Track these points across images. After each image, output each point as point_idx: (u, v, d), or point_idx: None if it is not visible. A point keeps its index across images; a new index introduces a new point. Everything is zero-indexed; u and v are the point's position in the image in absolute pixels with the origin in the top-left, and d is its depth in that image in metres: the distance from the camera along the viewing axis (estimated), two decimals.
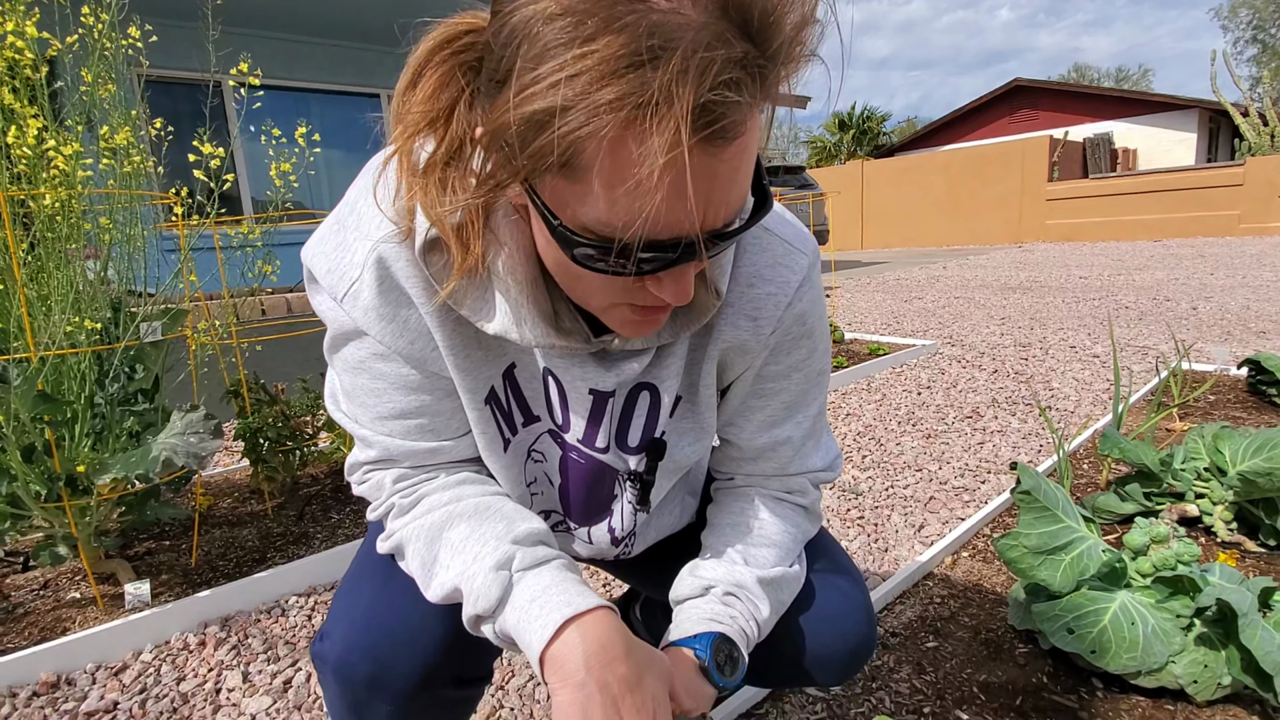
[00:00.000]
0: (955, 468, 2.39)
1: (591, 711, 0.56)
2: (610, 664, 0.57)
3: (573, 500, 0.80)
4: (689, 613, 0.75)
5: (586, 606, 0.59)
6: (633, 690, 0.58)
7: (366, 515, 0.75)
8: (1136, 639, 1.07)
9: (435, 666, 0.73)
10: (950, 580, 1.57)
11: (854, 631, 0.85)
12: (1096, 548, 1.17)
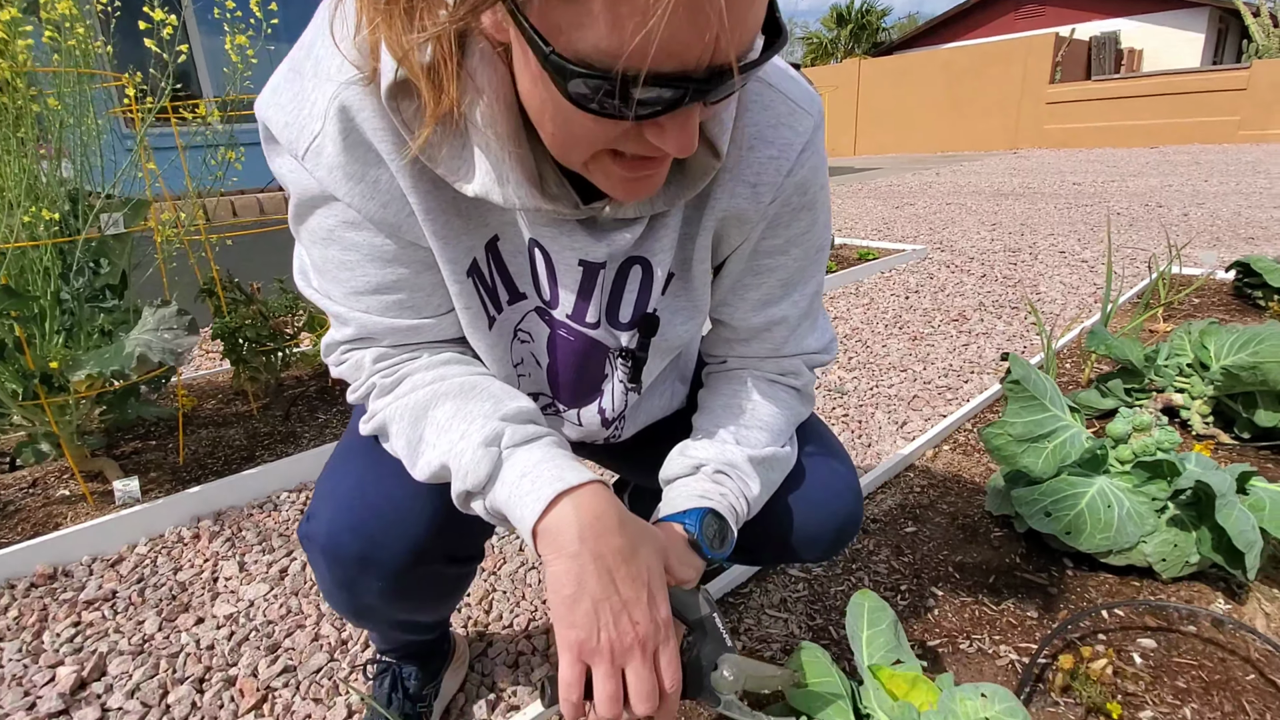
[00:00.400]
0: (939, 368, 2.41)
1: (586, 580, 0.56)
2: (604, 535, 0.57)
3: (562, 381, 0.78)
4: (679, 490, 0.75)
5: (579, 480, 0.58)
6: (627, 561, 0.57)
7: (347, 396, 0.72)
8: (1111, 520, 1.10)
9: (426, 544, 0.73)
10: (930, 471, 1.61)
11: (842, 510, 0.86)
12: (1079, 436, 1.19)
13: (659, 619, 0.58)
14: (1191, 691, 0.96)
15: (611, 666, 0.56)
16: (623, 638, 0.56)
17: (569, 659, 0.56)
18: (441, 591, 0.86)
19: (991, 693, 0.69)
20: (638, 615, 0.57)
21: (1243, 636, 1.04)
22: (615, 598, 0.56)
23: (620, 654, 0.57)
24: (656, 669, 0.58)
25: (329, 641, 1.31)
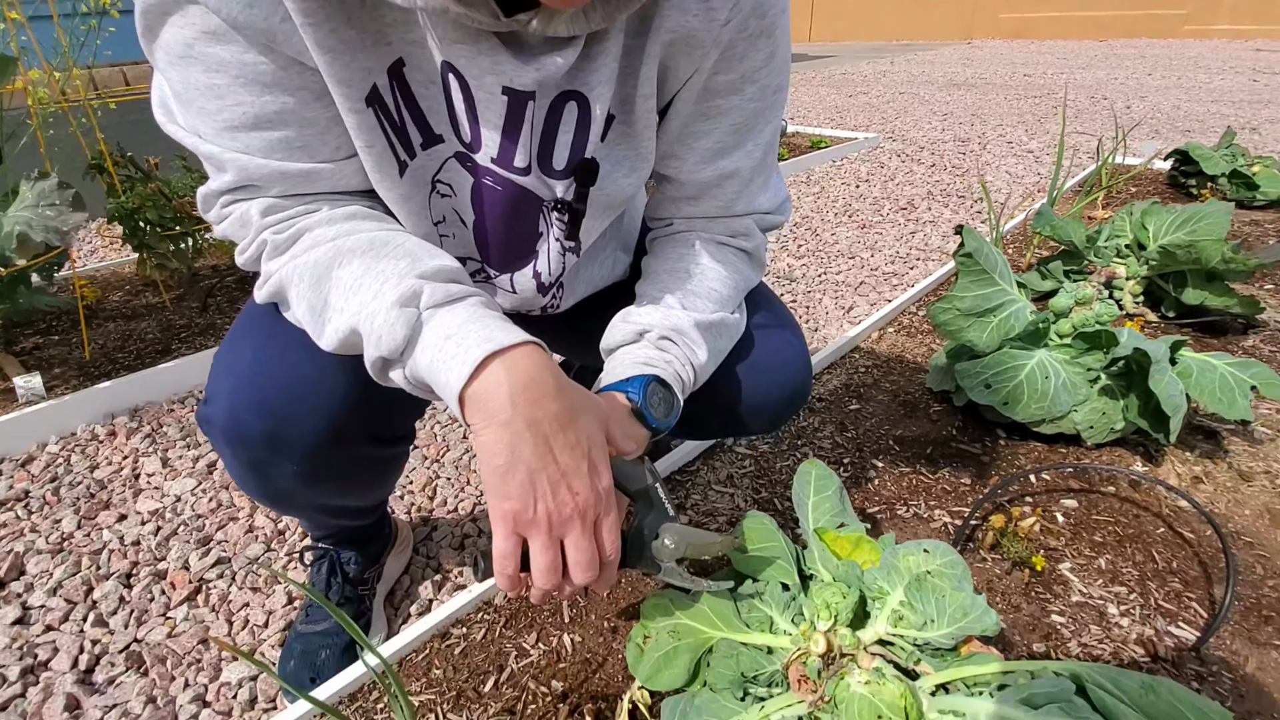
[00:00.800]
0: (887, 255, 2.41)
1: (520, 449, 0.51)
2: (539, 401, 0.52)
3: (491, 239, 0.70)
4: (621, 358, 0.70)
5: (510, 340, 0.52)
6: (565, 428, 0.53)
7: (236, 259, 0.62)
8: (1047, 391, 1.13)
9: (343, 422, 0.67)
10: (875, 353, 1.63)
11: (792, 380, 0.84)
12: (1024, 310, 1.20)
13: (600, 489, 0.55)
14: (1107, 544, 1.02)
15: (549, 538, 0.54)
16: (561, 508, 0.53)
17: (503, 531, 0.53)
18: (369, 475, 0.81)
19: (932, 548, 0.70)
20: (577, 485, 0.53)
21: (1156, 495, 1.11)
22: (553, 467, 0.52)
23: (558, 525, 0.54)
24: (596, 539, 0.56)
25: (264, 532, 1.26)
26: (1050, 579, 0.96)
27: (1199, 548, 1.01)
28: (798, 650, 0.66)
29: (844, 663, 0.64)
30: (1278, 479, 1.14)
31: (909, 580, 0.67)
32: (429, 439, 1.46)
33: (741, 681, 0.68)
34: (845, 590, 0.68)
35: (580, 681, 0.86)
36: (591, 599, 0.98)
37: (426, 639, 0.93)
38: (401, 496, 1.30)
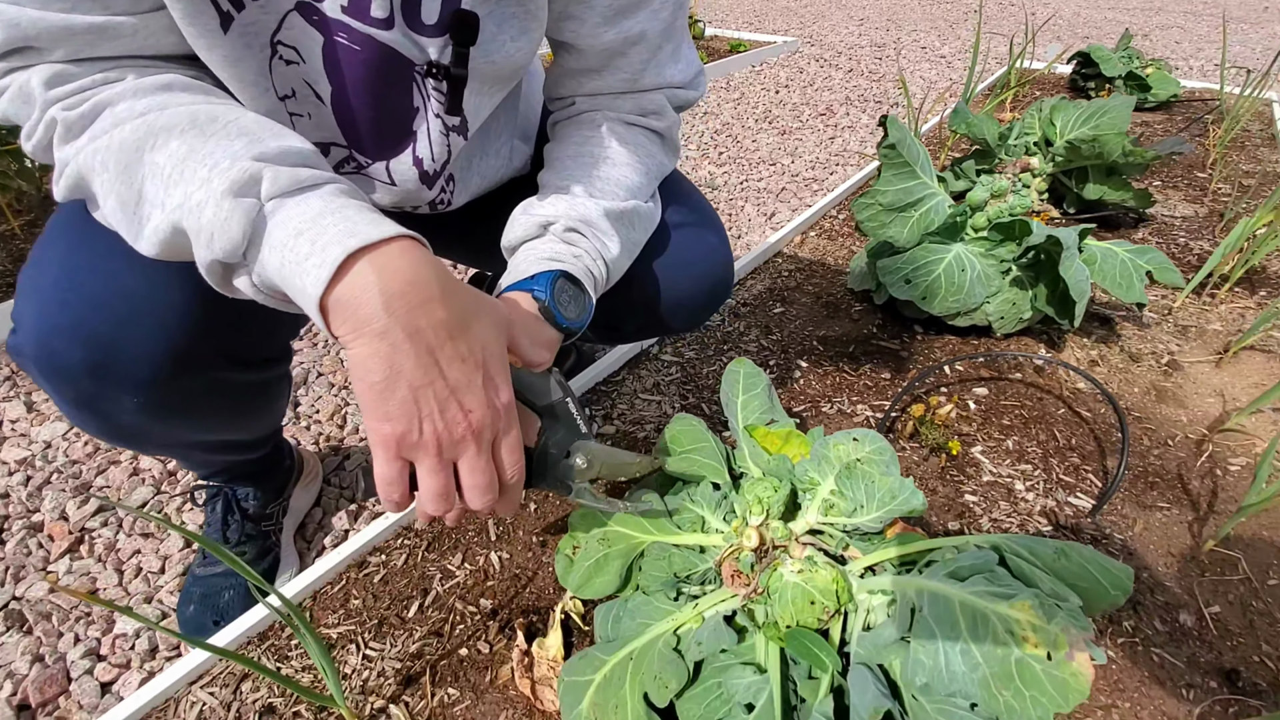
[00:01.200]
0: (807, 161, 2.38)
1: (400, 363, 0.43)
2: (421, 305, 0.43)
3: (358, 117, 0.59)
4: (525, 255, 0.63)
5: (380, 235, 0.43)
6: (455, 336, 0.45)
7: (21, 143, 0.48)
8: (963, 284, 1.15)
9: (187, 344, 0.56)
10: (798, 257, 1.62)
11: (711, 274, 0.80)
12: (944, 203, 1.20)
13: (498, 404, 0.48)
14: (1014, 427, 1.07)
15: (438, 461, 0.47)
16: (451, 429, 0.46)
17: (385, 456, 0.46)
18: (238, 405, 0.71)
19: (861, 436, 0.69)
20: (470, 401, 0.46)
21: (1057, 379, 1.17)
22: (440, 382, 0.45)
23: (449, 447, 0.47)
24: (496, 460, 0.50)
25: (151, 475, 1.15)
26: (964, 462, 1.00)
27: (1094, 425, 1.07)
28: (730, 546, 0.65)
29: (776, 554, 0.64)
30: (1163, 359, 1.22)
31: (839, 469, 0.66)
32: (335, 365, 1.35)
33: (674, 582, 0.67)
34: (776, 484, 0.66)
35: (510, 598, 0.83)
36: (516, 519, 0.94)
37: (342, 570, 0.87)
38: (308, 427, 1.21)
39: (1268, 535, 0.88)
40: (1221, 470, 0.98)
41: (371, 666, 0.76)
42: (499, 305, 0.52)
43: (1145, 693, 0.71)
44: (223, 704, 0.73)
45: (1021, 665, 0.46)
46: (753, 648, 0.60)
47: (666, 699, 0.57)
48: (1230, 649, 0.75)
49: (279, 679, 0.63)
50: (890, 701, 0.51)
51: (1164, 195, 1.89)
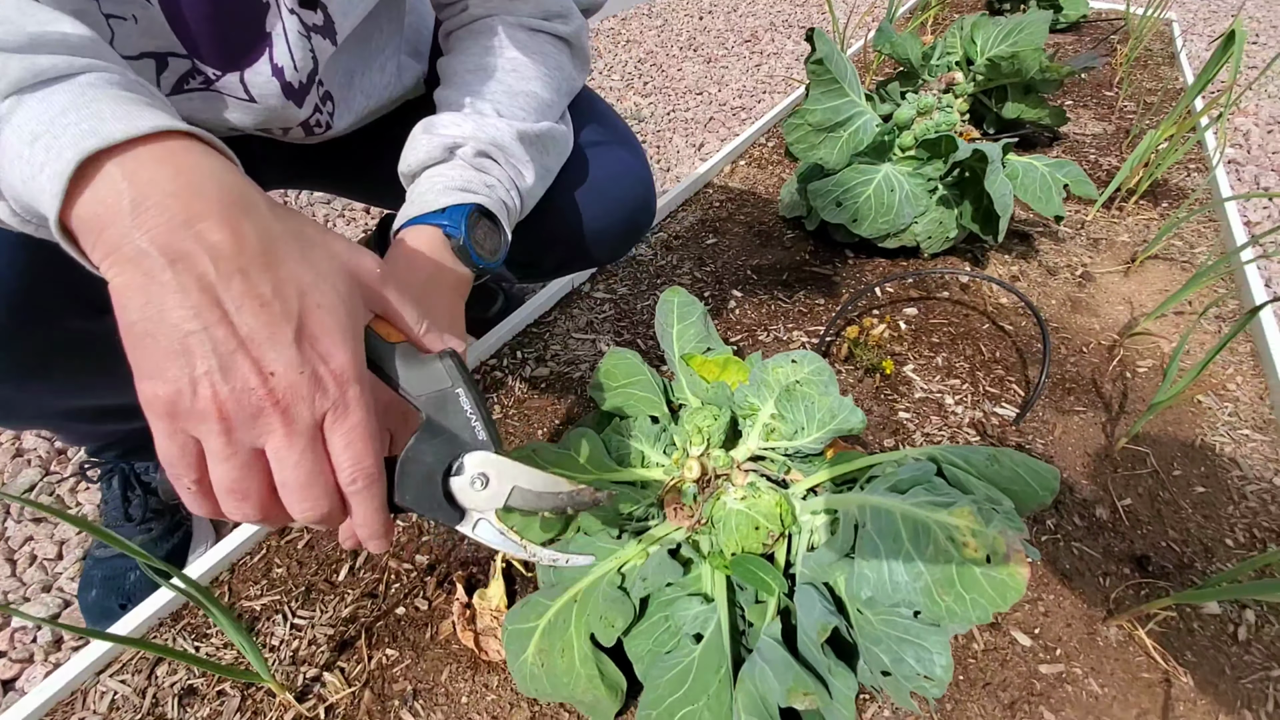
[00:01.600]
0: (735, 90, 2.31)
1: (160, 299, 0.31)
2: (188, 223, 0.32)
3: (192, 17, 0.49)
4: (431, 182, 0.56)
5: (133, 132, 0.32)
6: (247, 270, 0.33)
7: None
8: (892, 204, 1.14)
9: (25, 288, 0.48)
10: (728, 187, 1.58)
11: (632, 199, 0.75)
12: (872, 122, 1.18)
13: (324, 372, 0.34)
14: (943, 344, 1.09)
15: (226, 440, 0.33)
16: (241, 395, 0.32)
17: (161, 428, 0.33)
18: (107, 362, 0.60)
19: (800, 357, 0.68)
20: (273, 360, 0.33)
21: (982, 295, 1.19)
22: (223, 329, 0.32)
23: (242, 422, 0.33)
24: (329, 454, 0.35)
25: (38, 454, 1.04)
26: (896, 381, 1.02)
27: (1017, 338, 1.10)
28: (672, 480, 0.63)
29: (719, 484, 0.62)
30: (1077, 271, 1.26)
31: (779, 392, 0.65)
32: None
33: (616, 520, 0.65)
34: (716, 412, 0.64)
35: (448, 552, 0.80)
36: None
37: (261, 538, 0.81)
38: None
39: (1173, 431, 0.94)
40: (1131, 373, 1.03)
41: (301, 635, 0.72)
42: (357, 250, 0.39)
43: (1066, 584, 0.75)
44: (136, 691, 0.68)
45: (962, 570, 0.47)
46: (699, 579, 0.59)
47: (613, 638, 0.55)
48: (1141, 537, 0.80)
49: (196, 661, 0.58)
50: (836, 617, 0.51)
51: (1075, 114, 1.94)
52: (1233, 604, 0.73)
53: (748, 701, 0.47)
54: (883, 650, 0.49)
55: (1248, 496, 0.85)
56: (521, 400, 1.01)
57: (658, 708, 0.51)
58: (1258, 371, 1.03)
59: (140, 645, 0.56)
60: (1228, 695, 0.66)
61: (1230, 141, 1.90)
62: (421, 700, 0.66)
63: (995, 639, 0.70)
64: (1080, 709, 0.65)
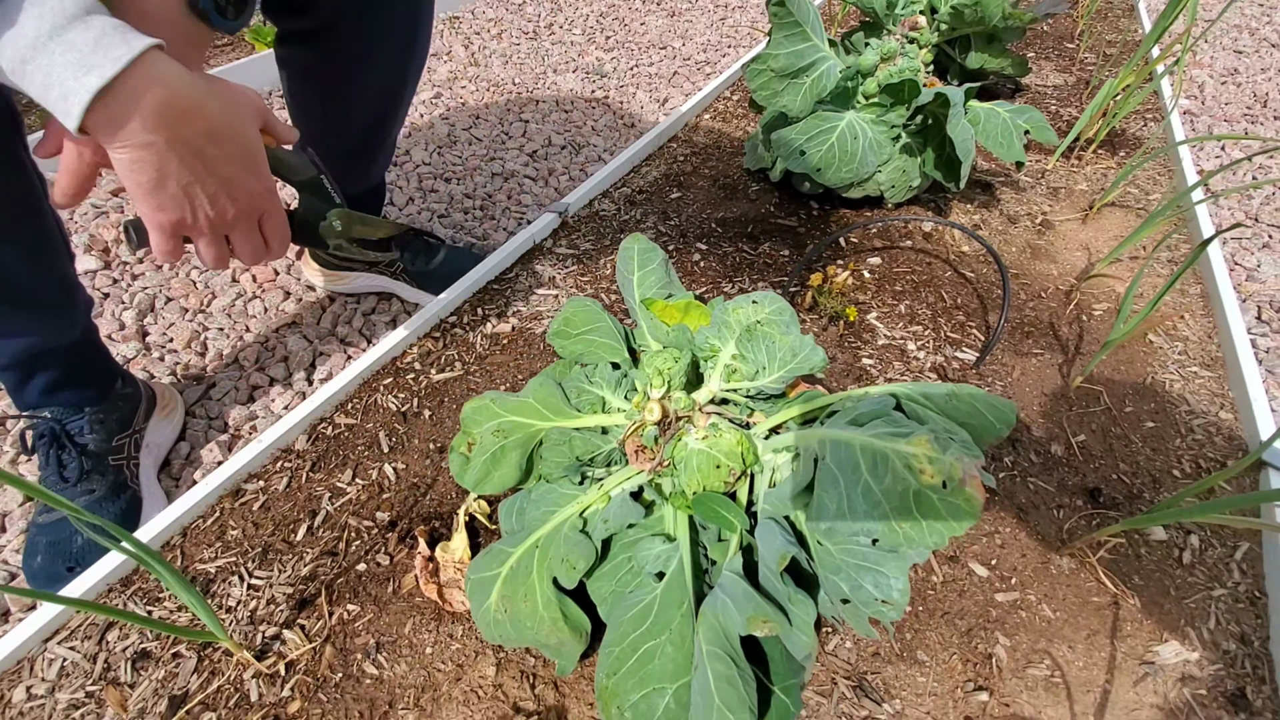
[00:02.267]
0: (699, 44, 2.26)
1: (168, 167, 0.48)
2: (182, 117, 0.47)
3: None
4: None
5: (122, 65, 0.43)
6: (217, 141, 0.50)
7: None
8: (855, 152, 1.13)
9: None
10: (692, 141, 1.55)
11: None
12: (835, 67, 1.16)
13: (258, 191, 0.56)
14: (906, 292, 1.10)
15: (213, 238, 0.55)
16: (223, 215, 0.54)
17: (162, 235, 0.52)
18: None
19: (761, 298, 0.67)
20: (238, 192, 0.54)
21: (944, 244, 1.20)
22: (208, 179, 0.51)
23: (222, 228, 0.55)
24: (263, 232, 0.59)
25: None
26: (860, 329, 1.02)
27: (978, 284, 1.11)
28: (633, 423, 0.63)
29: (680, 426, 0.61)
30: (1037, 219, 1.28)
31: (739, 333, 0.64)
32: (187, 287, 1.19)
33: (578, 466, 0.64)
34: (676, 355, 0.63)
35: (409, 507, 0.78)
36: (411, 428, 0.88)
37: (214, 501, 0.79)
38: (161, 358, 1.07)
39: (1126, 370, 0.96)
40: (1087, 316, 1.05)
41: (259, 595, 0.70)
42: (251, 96, 0.55)
43: (1022, 518, 0.77)
44: (87, 657, 0.66)
45: (919, 497, 0.47)
46: (661, 520, 0.59)
47: (575, 579, 0.54)
48: (1093, 471, 0.82)
49: (148, 623, 0.56)
50: (796, 548, 0.51)
51: (1038, 66, 1.94)
52: (1178, 530, 0.76)
53: (709, 633, 0.47)
54: (842, 579, 0.50)
55: (1194, 430, 0.88)
56: (483, 356, 0.99)
57: (620, 645, 0.51)
58: (1207, 311, 1.06)
59: (90, 607, 0.54)
60: (1172, 614, 0.68)
61: (1186, 93, 1.92)
62: (385, 653, 0.65)
63: (954, 571, 0.72)
64: (1033, 633, 0.67)
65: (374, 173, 1.03)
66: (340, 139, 0.93)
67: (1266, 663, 0.65)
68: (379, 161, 1.02)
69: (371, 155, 0.99)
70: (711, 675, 0.44)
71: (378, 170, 1.04)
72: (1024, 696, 0.62)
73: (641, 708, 0.49)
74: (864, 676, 0.63)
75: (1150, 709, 0.62)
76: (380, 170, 1.05)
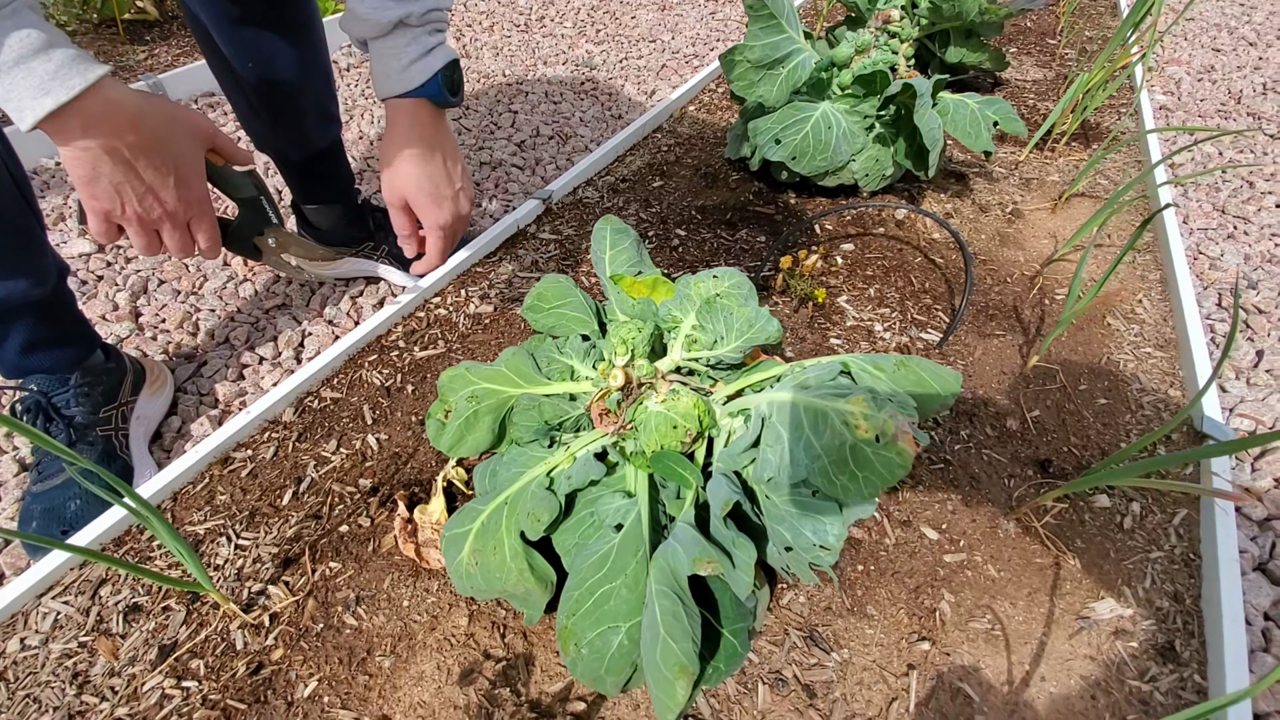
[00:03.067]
0: (688, 38, 2.29)
1: (101, 167, 0.59)
2: (116, 133, 0.58)
3: None
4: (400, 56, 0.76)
5: (73, 94, 0.54)
6: (148, 152, 0.61)
7: None
8: (829, 141, 1.17)
9: None
10: (676, 131, 1.58)
11: None
12: (810, 59, 1.19)
13: (190, 199, 0.66)
14: (876, 276, 1.13)
15: (141, 228, 0.65)
16: (149, 213, 0.64)
17: (97, 220, 0.63)
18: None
19: (721, 273, 0.71)
20: (165, 196, 0.64)
21: (916, 231, 1.23)
22: (137, 182, 0.62)
23: (149, 224, 0.65)
24: (194, 235, 0.69)
25: None
26: (830, 311, 1.06)
27: (946, 270, 1.15)
28: (599, 390, 0.66)
29: (643, 392, 0.65)
30: (1007, 209, 1.31)
31: (700, 305, 0.68)
32: (179, 270, 1.22)
33: (546, 430, 0.68)
34: (641, 325, 0.67)
35: (391, 474, 0.82)
36: (394, 401, 0.92)
37: (203, 467, 0.82)
38: (154, 337, 1.10)
39: (1083, 351, 1.00)
40: (1050, 300, 1.09)
41: (245, 554, 0.74)
42: (196, 119, 0.66)
43: (975, 486, 0.81)
44: (80, 610, 0.69)
45: (855, 450, 0.50)
46: (623, 478, 0.63)
47: (539, 532, 0.58)
48: (1045, 444, 0.86)
49: (138, 570, 0.59)
50: (740, 495, 0.55)
51: (1018, 61, 1.98)
52: (1121, 497, 0.80)
53: (659, 574, 0.50)
54: (785, 528, 0.53)
55: (1144, 406, 0.92)
56: (466, 335, 1.02)
57: (580, 589, 0.55)
58: (1164, 295, 1.10)
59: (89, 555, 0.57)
60: (1110, 574, 0.72)
61: (1163, 89, 1.96)
62: (364, 605, 0.69)
63: (906, 534, 0.76)
64: (978, 590, 0.71)
65: (310, 137, 1.03)
66: (258, 98, 0.95)
67: (1196, 618, 0.69)
68: (307, 125, 1.01)
69: (289, 117, 0.99)
70: (659, 610, 0.48)
71: (314, 135, 1.03)
72: (964, 647, 0.66)
73: (597, 644, 0.52)
74: (815, 628, 0.67)
75: (1083, 659, 0.66)
76: (316, 137, 1.04)
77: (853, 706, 0.62)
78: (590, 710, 0.61)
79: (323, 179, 1.07)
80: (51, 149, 1.50)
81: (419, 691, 0.63)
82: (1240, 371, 1.05)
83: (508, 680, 0.63)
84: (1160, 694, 0.63)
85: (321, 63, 0.99)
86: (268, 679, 0.64)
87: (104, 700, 0.63)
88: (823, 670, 0.64)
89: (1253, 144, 1.68)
